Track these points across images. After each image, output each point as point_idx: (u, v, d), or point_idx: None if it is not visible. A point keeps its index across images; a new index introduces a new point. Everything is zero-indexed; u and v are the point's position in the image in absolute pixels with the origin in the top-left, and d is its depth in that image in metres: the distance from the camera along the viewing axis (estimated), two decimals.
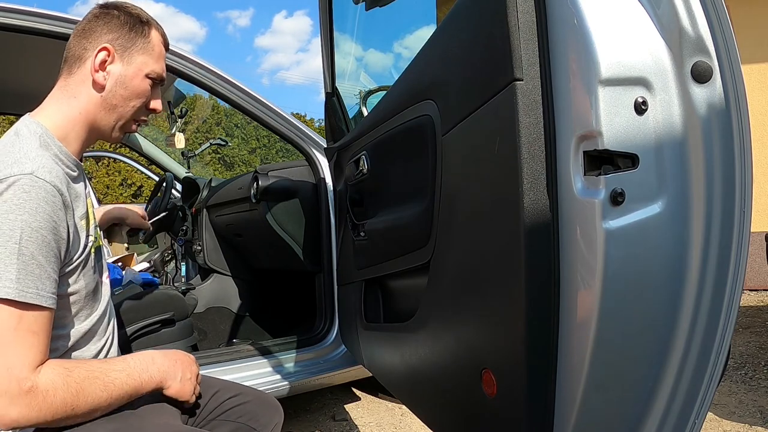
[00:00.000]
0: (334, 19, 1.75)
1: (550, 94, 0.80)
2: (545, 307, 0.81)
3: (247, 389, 1.21)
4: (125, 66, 1.03)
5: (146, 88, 1.06)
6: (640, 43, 0.77)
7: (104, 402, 0.91)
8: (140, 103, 1.06)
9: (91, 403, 0.89)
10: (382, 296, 1.57)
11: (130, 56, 1.03)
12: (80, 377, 0.89)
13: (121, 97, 1.03)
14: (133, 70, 1.04)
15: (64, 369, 0.88)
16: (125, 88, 1.03)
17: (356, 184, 1.55)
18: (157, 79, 1.07)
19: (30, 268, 0.85)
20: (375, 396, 2.56)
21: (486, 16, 0.89)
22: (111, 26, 1.03)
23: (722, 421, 2.08)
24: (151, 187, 3.88)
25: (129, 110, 1.05)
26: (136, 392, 0.96)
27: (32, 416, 0.84)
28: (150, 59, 1.05)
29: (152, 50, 1.06)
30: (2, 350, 0.83)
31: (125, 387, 0.93)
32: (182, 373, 1.03)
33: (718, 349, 0.81)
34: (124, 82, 1.03)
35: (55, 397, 0.85)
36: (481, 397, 0.96)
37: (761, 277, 4.65)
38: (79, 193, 1.00)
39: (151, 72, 1.05)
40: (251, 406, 1.16)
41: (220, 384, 1.20)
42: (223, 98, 2.14)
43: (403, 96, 1.26)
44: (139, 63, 1.04)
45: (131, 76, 1.03)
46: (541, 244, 0.81)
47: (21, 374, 0.83)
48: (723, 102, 0.76)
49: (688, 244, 0.78)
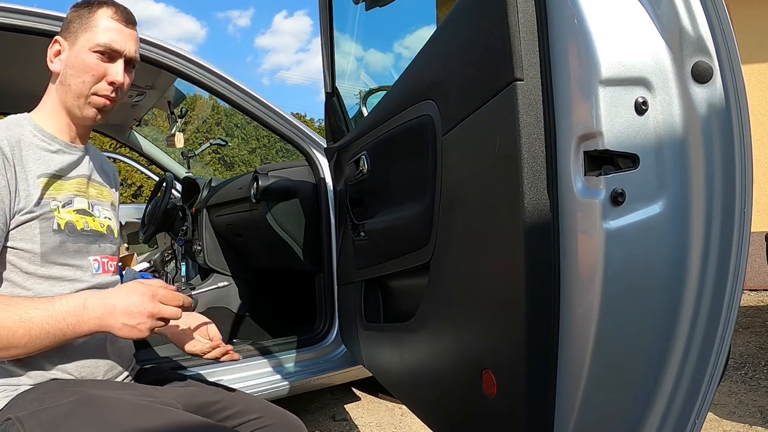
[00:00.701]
0: (334, 19, 1.75)
1: (550, 94, 0.80)
2: (545, 307, 0.81)
3: (272, 408, 1.17)
4: (71, 49, 1.12)
5: (93, 61, 1.11)
6: (641, 43, 0.77)
7: (21, 338, 0.93)
8: (91, 77, 1.11)
9: (3, 335, 0.92)
10: (382, 296, 1.57)
11: (75, 38, 1.12)
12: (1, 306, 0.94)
13: (72, 75, 1.11)
14: (77, 49, 1.12)
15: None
16: (73, 67, 1.11)
17: (356, 184, 1.55)
18: (103, 51, 1.11)
19: None
20: (375, 396, 2.56)
21: (486, 16, 0.89)
22: (67, 21, 1.14)
23: (722, 421, 2.08)
24: (151, 187, 3.88)
25: (83, 86, 1.11)
26: (61, 333, 0.96)
27: None
28: (92, 35, 1.11)
29: (95, 26, 1.11)
30: None
31: (45, 326, 0.95)
32: (126, 318, 0.98)
33: (719, 350, 0.81)
34: (71, 62, 1.11)
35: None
36: (481, 398, 0.96)
37: (761, 277, 4.65)
38: (47, 159, 1.10)
39: (95, 46, 1.11)
40: (275, 429, 1.12)
41: (243, 401, 1.17)
42: (223, 98, 2.14)
43: (403, 96, 1.26)
44: (82, 41, 1.12)
45: (75, 55, 1.11)
46: (541, 244, 0.81)
47: None
48: (723, 102, 0.76)
49: (688, 244, 0.78)
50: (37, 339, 0.94)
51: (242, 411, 1.13)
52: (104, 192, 1.24)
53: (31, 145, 1.08)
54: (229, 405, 1.14)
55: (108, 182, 1.28)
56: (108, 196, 1.25)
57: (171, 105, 3.23)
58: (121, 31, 1.13)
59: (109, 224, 1.21)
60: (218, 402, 1.14)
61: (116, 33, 1.12)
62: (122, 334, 0.99)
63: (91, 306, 0.98)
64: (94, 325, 0.98)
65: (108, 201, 1.24)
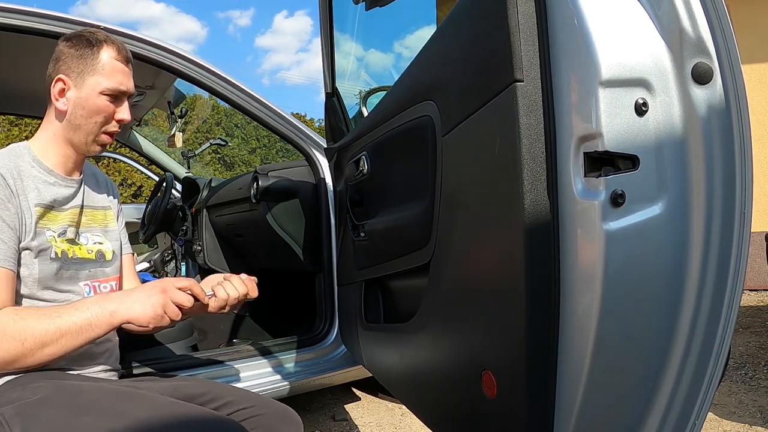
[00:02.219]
0: (334, 19, 1.75)
1: (550, 95, 0.80)
2: (545, 308, 0.81)
3: (265, 400, 1.17)
4: (79, 90, 1.14)
5: (104, 104, 1.15)
6: (641, 44, 0.77)
7: (52, 335, 0.98)
8: (102, 118, 1.16)
9: (38, 336, 0.97)
10: (382, 296, 1.57)
11: (83, 80, 1.14)
12: (28, 314, 1.00)
13: (82, 116, 1.15)
14: (87, 91, 1.14)
15: (14, 309, 1.02)
16: (83, 108, 1.15)
17: (356, 184, 1.55)
18: (112, 94, 1.16)
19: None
20: (375, 396, 2.56)
21: (486, 16, 0.89)
22: (65, 56, 1.15)
23: (722, 421, 2.08)
24: (151, 187, 3.88)
25: (93, 126, 1.16)
26: (88, 325, 1.00)
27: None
28: (101, 77, 1.14)
29: (102, 69, 1.14)
30: None
31: (73, 319, 0.99)
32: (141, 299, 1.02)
33: (719, 350, 0.81)
34: (81, 103, 1.15)
35: (5, 332, 0.97)
36: (481, 398, 0.96)
37: (761, 277, 4.65)
38: (44, 190, 1.13)
39: (105, 89, 1.15)
40: (268, 419, 1.11)
41: (234, 393, 1.17)
42: (223, 98, 2.14)
43: (403, 96, 1.26)
44: (91, 83, 1.14)
45: (85, 97, 1.14)
46: (541, 246, 0.81)
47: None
48: (723, 103, 0.76)
49: (688, 245, 0.78)
50: (68, 336, 0.98)
51: (231, 402, 1.13)
52: (97, 216, 1.26)
53: (29, 176, 1.12)
54: (217, 396, 1.13)
55: (102, 202, 1.29)
56: (100, 220, 1.27)
57: (171, 105, 3.23)
58: (125, 72, 1.17)
59: (100, 249, 1.23)
60: (205, 394, 1.14)
61: (122, 75, 1.17)
62: (141, 315, 1.01)
63: (111, 297, 1.04)
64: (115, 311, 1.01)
65: (100, 225, 1.26)
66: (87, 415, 0.93)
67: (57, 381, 1.02)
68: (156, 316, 1.01)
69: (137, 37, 1.92)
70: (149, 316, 1.01)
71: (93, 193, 1.27)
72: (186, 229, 2.90)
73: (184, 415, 0.96)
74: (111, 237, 1.28)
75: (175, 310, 1.02)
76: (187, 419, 0.96)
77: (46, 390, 0.98)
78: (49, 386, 0.99)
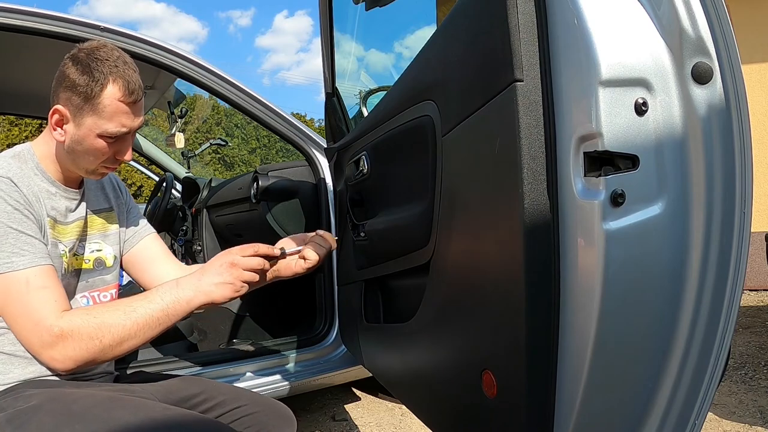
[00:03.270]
0: (334, 19, 1.75)
1: (550, 95, 0.80)
2: (545, 308, 0.81)
3: (258, 398, 1.18)
4: (76, 127, 1.06)
5: (102, 145, 1.07)
6: (641, 44, 0.77)
7: (129, 329, 0.98)
8: (100, 158, 1.09)
9: (115, 331, 0.98)
10: (382, 296, 1.57)
11: (81, 117, 1.05)
12: (100, 312, 1.00)
13: (79, 152, 1.08)
14: (84, 131, 1.06)
15: (84, 310, 1.03)
16: (80, 145, 1.07)
17: (356, 184, 1.55)
18: (110, 137, 1.06)
19: (12, 240, 0.99)
20: (375, 396, 2.56)
21: (486, 16, 0.89)
22: (66, 84, 1.04)
23: (722, 421, 2.08)
24: (151, 187, 3.88)
25: (90, 164, 1.10)
26: (164, 315, 1.01)
27: (72, 355, 0.97)
28: (100, 120, 1.04)
29: (102, 111, 1.04)
30: (27, 313, 0.98)
31: (149, 311, 1.00)
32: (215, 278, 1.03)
33: (718, 349, 0.81)
34: (78, 141, 1.07)
35: (81, 332, 0.97)
36: (481, 398, 0.96)
37: (761, 277, 4.65)
38: (49, 201, 1.10)
39: (103, 132, 1.05)
40: (261, 416, 1.12)
41: (228, 392, 1.17)
42: (223, 98, 2.14)
43: (403, 96, 1.26)
44: (89, 124, 1.05)
45: (83, 137, 1.06)
46: (541, 245, 0.81)
47: (47, 323, 0.97)
48: (723, 103, 0.76)
49: (688, 245, 0.78)
50: (145, 328, 1.00)
51: (225, 401, 1.13)
52: (95, 222, 1.22)
53: (35, 185, 1.08)
54: (211, 396, 1.14)
55: (103, 204, 1.25)
56: (99, 225, 1.22)
57: (171, 105, 3.24)
58: (128, 114, 1.07)
59: (99, 256, 1.20)
60: (199, 394, 1.14)
61: (125, 117, 1.06)
62: (221, 297, 1.03)
63: (182, 284, 1.04)
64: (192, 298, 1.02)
65: (99, 231, 1.22)
66: (78, 422, 0.93)
67: (50, 390, 1.01)
68: (235, 292, 1.04)
69: (137, 37, 1.92)
70: (228, 295, 1.03)
71: (95, 197, 1.23)
72: (186, 229, 2.90)
73: (174, 420, 0.97)
74: (111, 241, 1.24)
75: (251, 276, 1.05)
76: (178, 425, 0.96)
77: (40, 398, 0.97)
78: (42, 395, 0.98)
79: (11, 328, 1.01)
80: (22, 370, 1.04)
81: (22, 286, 0.98)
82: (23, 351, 1.03)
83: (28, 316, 0.98)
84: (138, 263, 1.29)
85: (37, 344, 0.98)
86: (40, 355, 0.99)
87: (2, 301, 0.99)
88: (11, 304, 0.99)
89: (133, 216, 1.31)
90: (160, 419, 0.96)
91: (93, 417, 0.94)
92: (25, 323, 0.98)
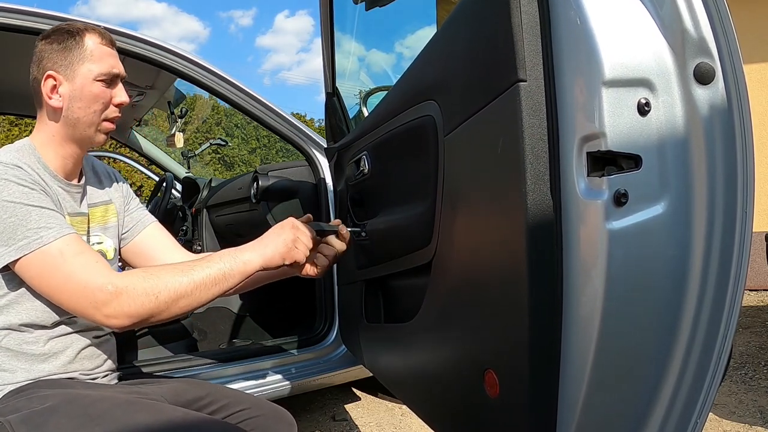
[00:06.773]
0: (334, 19, 1.75)
1: (553, 95, 0.80)
2: (548, 307, 0.81)
3: (260, 402, 1.18)
4: (72, 82, 1.10)
5: (100, 90, 1.11)
6: (643, 44, 0.77)
7: (186, 287, 0.98)
8: (100, 105, 1.12)
9: (172, 288, 0.97)
10: (382, 296, 1.57)
11: (73, 71, 1.10)
12: (156, 270, 1.01)
13: (80, 108, 1.11)
14: (80, 81, 1.10)
15: (141, 270, 1.04)
16: (80, 100, 1.11)
17: (357, 184, 1.55)
18: (106, 78, 1.12)
19: (36, 217, 0.99)
20: (375, 396, 2.56)
21: (489, 16, 0.89)
22: (49, 53, 1.10)
23: (722, 421, 2.08)
24: (151, 187, 3.88)
25: (93, 116, 1.12)
26: (223, 276, 1.02)
27: (128, 311, 0.96)
28: (92, 64, 1.10)
29: (90, 55, 1.10)
30: (71, 280, 0.97)
31: (207, 272, 1.00)
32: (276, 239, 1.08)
33: (720, 349, 0.81)
34: (77, 95, 1.10)
35: (136, 288, 0.96)
36: (483, 398, 0.96)
37: (761, 277, 4.65)
38: (54, 195, 1.09)
39: (98, 75, 1.11)
40: (263, 420, 1.13)
41: (231, 395, 1.18)
42: (223, 98, 2.15)
43: (404, 96, 1.26)
44: (83, 72, 1.10)
45: (80, 88, 1.10)
46: (544, 245, 0.81)
47: (97, 283, 0.96)
48: (725, 103, 0.77)
49: (690, 244, 0.78)
50: (203, 287, 1.00)
51: (229, 404, 1.14)
52: (96, 215, 1.22)
53: (42, 178, 1.08)
54: (216, 399, 1.15)
55: (102, 197, 1.25)
56: (99, 217, 1.23)
57: (171, 105, 3.24)
58: (113, 55, 1.14)
59: (100, 248, 1.20)
60: (204, 397, 1.15)
61: (112, 58, 1.14)
62: (274, 254, 1.06)
63: (242, 248, 1.06)
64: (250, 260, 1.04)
65: (98, 223, 1.22)
66: (98, 425, 0.92)
67: (65, 390, 1.00)
68: (288, 249, 1.06)
69: (138, 37, 1.92)
70: (282, 253, 1.06)
71: (94, 191, 1.24)
72: (186, 229, 2.90)
73: (194, 424, 0.97)
74: (110, 233, 1.24)
75: (306, 241, 1.10)
76: (198, 429, 0.96)
77: (55, 399, 0.96)
78: (57, 396, 0.98)
79: (57, 301, 1.00)
80: (29, 367, 1.03)
81: (58, 258, 0.97)
82: (29, 350, 1.03)
83: (74, 283, 0.96)
84: (144, 252, 1.29)
85: (90, 306, 0.96)
86: (93, 317, 0.97)
87: (42, 277, 0.98)
88: (52, 277, 0.98)
89: (134, 206, 1.32)
90: (179, 422, 0.95)
91: (112, 419, 0.93)
92: (73, 290, 0.97)
